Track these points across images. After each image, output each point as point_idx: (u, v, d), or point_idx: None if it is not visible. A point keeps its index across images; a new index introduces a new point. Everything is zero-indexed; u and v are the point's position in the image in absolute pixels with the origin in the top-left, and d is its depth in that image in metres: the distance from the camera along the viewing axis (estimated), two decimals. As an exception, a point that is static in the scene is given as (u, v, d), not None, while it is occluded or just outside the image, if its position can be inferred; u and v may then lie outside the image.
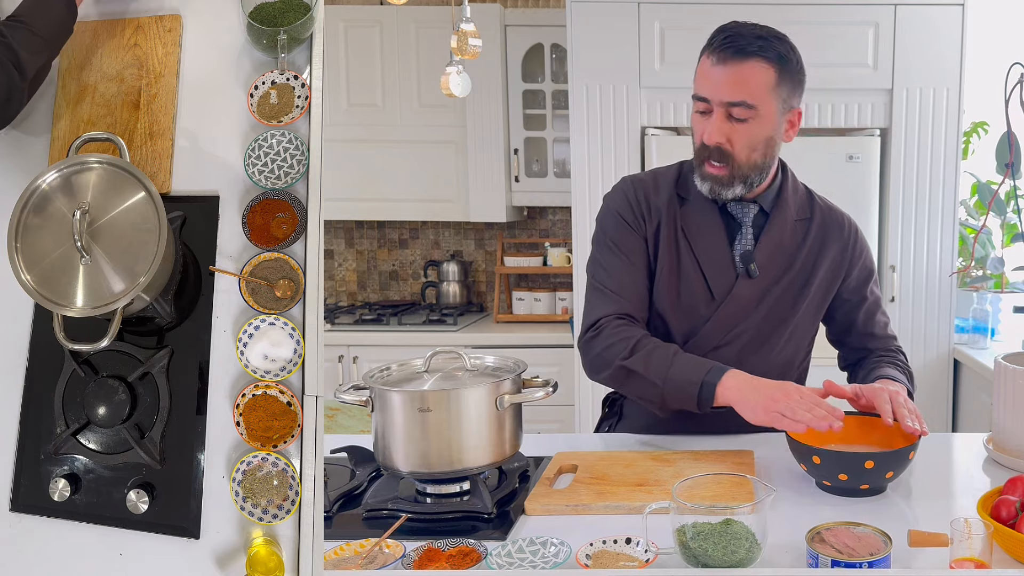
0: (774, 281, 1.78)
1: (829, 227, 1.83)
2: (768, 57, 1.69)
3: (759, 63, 1.69)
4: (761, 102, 1.69)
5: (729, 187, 1.73)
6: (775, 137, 1.74)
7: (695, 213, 1.79)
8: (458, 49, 1.77)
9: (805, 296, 1.80)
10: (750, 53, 1.68)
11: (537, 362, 1.93)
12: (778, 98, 1.71)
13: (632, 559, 1.25)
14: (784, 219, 1.79)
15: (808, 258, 1.80)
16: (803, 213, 1.82)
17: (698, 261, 1.78)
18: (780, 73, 1.70)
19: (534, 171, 3.92)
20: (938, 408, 3.38)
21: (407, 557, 1.29)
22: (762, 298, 1.78)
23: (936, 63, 3.26)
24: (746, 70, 1.68)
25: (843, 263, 1.83)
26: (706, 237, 1.78)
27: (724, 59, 1.69)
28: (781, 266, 1.79)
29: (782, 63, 1.70)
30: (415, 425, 1.45)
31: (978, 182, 3.42)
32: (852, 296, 1.85)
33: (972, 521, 1.19)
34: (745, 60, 1.68)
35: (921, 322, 3.35)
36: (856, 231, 1.87)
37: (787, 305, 1.79)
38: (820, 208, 1.84)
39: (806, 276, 1.80)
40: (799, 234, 1.80)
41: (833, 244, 1.82)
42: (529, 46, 3.80)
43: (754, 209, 1.79)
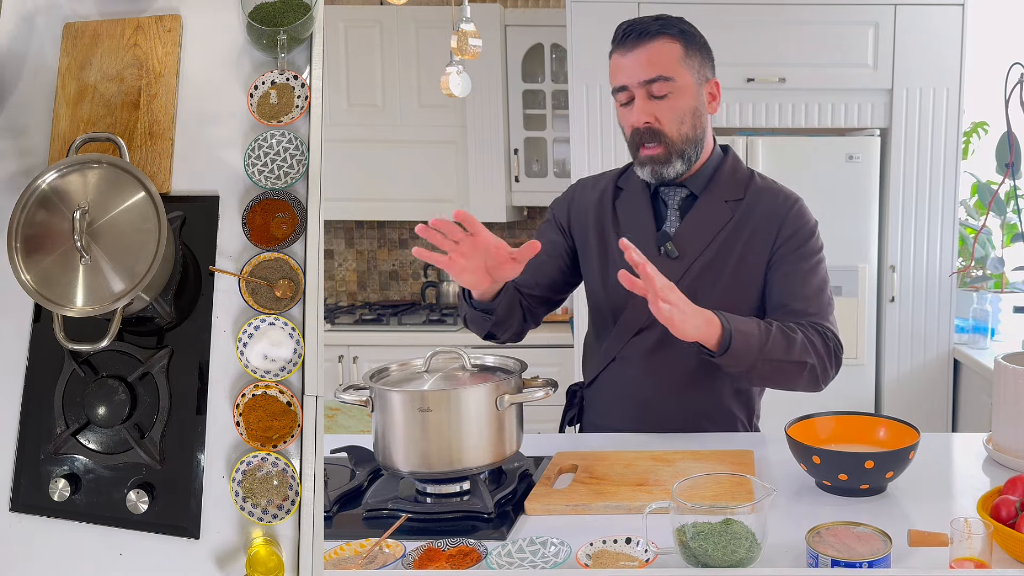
0: (694, 261, 1.80)
1: (758, 204, 1.82)
2: (671, 34, 1.77)
3: (663, 40, 1.77)
4: (676, 73, 1.76)
5: (668, 164, 1.79)
6: (699, 108, 1.80)
7: (628, 201, 1.89)
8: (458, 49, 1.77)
9: (724, 274, 1.79)
10: (652, 33, 1.77)
11: (537, 362, 1.93)
12: (691, 68, 1.78)
13: (632, 559, 1.25)
14: (712, 201, 1.82)
15: (730, 236, 1.80)
16: (735, 195, 1.83)
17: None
18: (686, 46, 1.78)
19: (534, 171, 3.92)
20: (938, 408, 3.39)
21: (407, 557, 1.29)
22: (680, 278, 1.76)
23: (936, 63, 3.26)
24: (653, 48, 1.76)
25: (770, 237, 1.80)
26: (634, 222, 1.86)
27: (631, 45, 1.77)
28: (700, 246, 1.80)
29: (686, 37, 1.79)
30: (415, 425, 1.45)
31: (978, 182, 3.42)
32: (777, 268, 1.80)
33: (972, 521, 1.19)
34: (650, 40, 1.77)
35: (921, 322, 3.35)
36: (793, 207, 1.82)
37: (707, 284, 1.79)
38: (756, 189, 1.85)
39: (727, 254, 1.80)
40: (725, 214, 1.82)
41: (761, 220, 1.81)
42: (529, 46, 3.80)
43: (682, 192, 1.84)
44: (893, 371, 3.36)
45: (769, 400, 1.96)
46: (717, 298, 1.76)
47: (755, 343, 1.65)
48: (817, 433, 1.58)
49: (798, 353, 1.69)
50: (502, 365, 1.60)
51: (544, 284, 1.94)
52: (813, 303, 1.77)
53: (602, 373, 1.91)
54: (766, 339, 1.66)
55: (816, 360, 1.71)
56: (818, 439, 1.55)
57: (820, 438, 1.57)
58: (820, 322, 1.75)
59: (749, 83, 3.31)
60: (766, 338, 1.66)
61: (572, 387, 2.01)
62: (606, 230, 1.89)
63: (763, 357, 1.66)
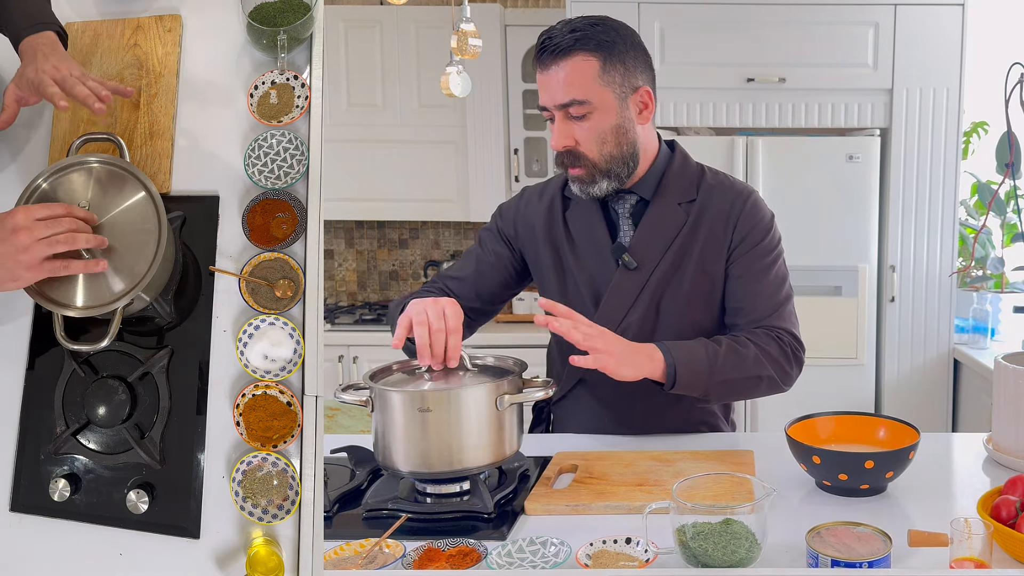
0: (653, 270, 1.74)
1: (710, 203, 1.75)
2: (587, 48, 1.64)
3: (578, 57, 1.64)
4: (591, 94, 1.65)
5: (593, 184, 1.71)
6: (623, 124, 1.69)
7: (579, 212, 1.80)
8: (458, 49, 1.78)
9: (684, 281, 1.74)
10: (567, 48, 1.64)
11: (537, 362, 1.92)
12: (611, 85, 1.66)
13: (632, 559, 1.25)
14: (664, 205, 1.75)
15: (686, 240, 1.73)
16: (687, 195, 1.75)
17: (582, 258, 1.78)
18: (604, 60, 1.65)
19: (534, 171, 3.92)
20: (938, 408, 3.39)
21: (407, 557, 1.29)
22: (641, 290, 1.74)
23: (936, 63, 3.26)
24: (567, 68, 1.65)
25: (725, 239, 1.74)
26: (587, 234, 1.78)
27: (546, 63, 1.67)
28: (658, 254, 1.74)
29: (604, 49, 1.65)
30: (415, 425, 1.45)
31: (978, 182, 3.42)
32: (732, 270, 1.74)
33: (972, 521, 1.19)
34: (565, 57, 1.65)
35: (921, 322, 3.35)
36: (745, 204, 1.75)
37: (669, 294, 1.74)
38: (707, 186, 1.77)
39: (685, 260, 1.74)
40: (680, 218, 1.74)
41: (714, 220, 1.74)
42: (529, 46, 3.79)
43: (631, 199, 1.76)
44: (893, 371, 3.36)
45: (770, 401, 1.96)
46: (680, 307, 1.74)
47: (703, 368, 1.62)
48: (817, 433, 1.58)
49: (751, 368, 1.66)
50: (502, 365, 1.60)
51: (485, 297, 1.88)
52: (767, 305, 1.73)
53: (571, 392, 1.84)
54: (714, 361, 1.63)
55: (773, 370, 1.68)
56: (818, 439, 1.55)
57: (820, 438, 1.57)
58: (775, 324, 1.72)
59: (749, 83, 3.31)
60: (714, 360, 1.63)
61: (539, 404, 1.87)
62: (560, 245, 1.81)
63: (714, 380, 1.64)
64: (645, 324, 1.75)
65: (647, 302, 1.74)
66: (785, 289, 1.77)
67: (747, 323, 1.73)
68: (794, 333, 1.74)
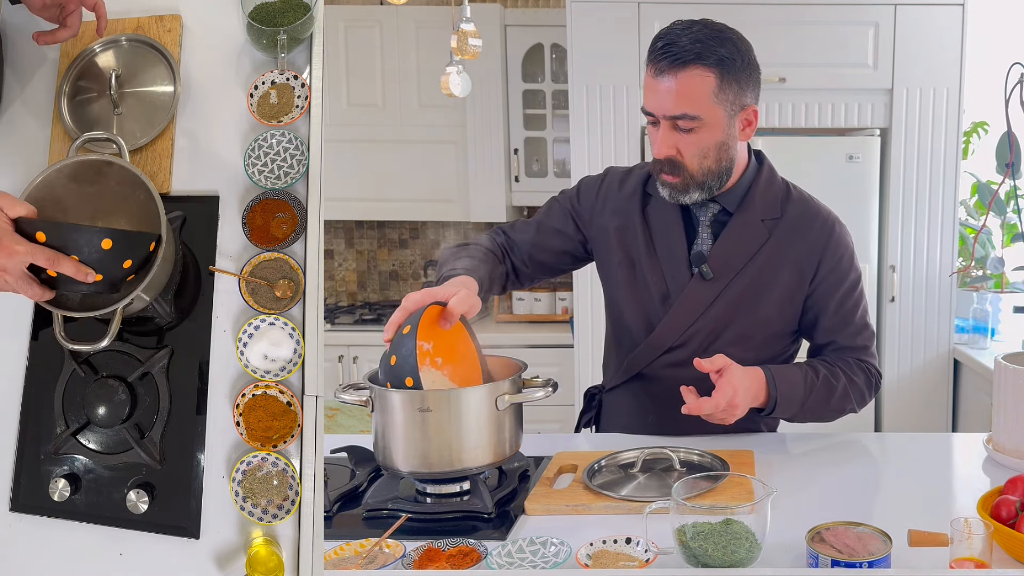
0: (729, 283, 1.73)
1: (798, 226, 1.75)
2: (707, 63, 1.63)
3: (697, 71, 1.62)
4: (704, 111, 1.64)
5: (685, 194, 1.70)
6: (727, 141, 1.68)
7: (658, 211, 1.79)
8: (458, 49, 1.77)
9: (764, 300, 1.74)
10: (687, 62, 1.62)
11: (537, 362, 1.92)
12: (724, 103, 1.65)
13: (632, 559, 1.25)
14: (747, 219, 1.74)
15: (766, 257, 1.73)
16: (772, 212, 1.75)
17: (658, 258, 1.78)
18: (722, 78, 1.64)
19: (534, 171, 3.92)
20: (938, 408, 3.39)
21: (407, 557, 1.29)
22: (714, 300, 1.74)
23: (936, 63, 3.26)
24: (685, 80, 1.63)
25: (810, 269, 1.74)
26: (666, 235, 1.78)
27: (662, 70, 1.64)
28: (736, 268, 1.73)
29: (723, 66, 1.64)
30: (415, 425, 1.45)
31: (978, 182, 3.42)
32: (815, 303, 1.76)
33: (972, 521, 1.19)
34: (683, 69, 1.62)
35: (921, 322, 3.35)
36: (832, 235, 1.76)
37: (744, 309, 1.74)
38: (794, 206, 1.77)
39: (767, 279, 1.73)
40: (762, 235, 1.73)
41: (801, 248, 1.74)
42: (529, 46, 3.79)
43: (714, 208, 1.76)
44: (893, 371, 3.36)
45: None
46: (751, 320, 1.75)
47: (799, 398, 1.68)
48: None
49: (838, 401, 1.72)
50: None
51: (534, 265, 1.88)
52: (859, 337, 1.78)
53: (625, 383, 1.85)
54: (809, 393, 1.69)
55: (856, 402, 1.74)
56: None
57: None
58: (865, 358, 1.78)
59: (749, 83, 3.31)
60: (809, 392, 1.69)
61: (591, 390, 1.95)
62: (635, 240, 1.80)
63: (804, 409, 1.70)
64: (714, 330, 1.75)
65: (719, 311, 1.74)
66: (868, 319, 1.82)
67: (835, 350, 1.78)
68: (877, 366, 1.80)
